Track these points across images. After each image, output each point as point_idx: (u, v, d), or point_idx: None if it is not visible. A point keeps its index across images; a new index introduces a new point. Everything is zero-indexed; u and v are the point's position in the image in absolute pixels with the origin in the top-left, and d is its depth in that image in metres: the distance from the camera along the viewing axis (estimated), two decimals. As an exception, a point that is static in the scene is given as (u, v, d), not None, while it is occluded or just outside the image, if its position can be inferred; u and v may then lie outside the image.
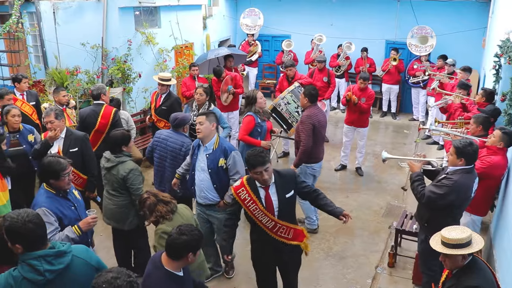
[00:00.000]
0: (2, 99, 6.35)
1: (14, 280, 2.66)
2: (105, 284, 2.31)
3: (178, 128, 5.46)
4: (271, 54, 13.86)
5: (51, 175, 3.73)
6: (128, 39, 9.18)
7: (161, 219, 3.83)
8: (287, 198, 4.11)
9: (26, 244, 2.69)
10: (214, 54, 9.72)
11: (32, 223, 2.69)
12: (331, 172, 8.55)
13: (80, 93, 8.92)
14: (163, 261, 3.22)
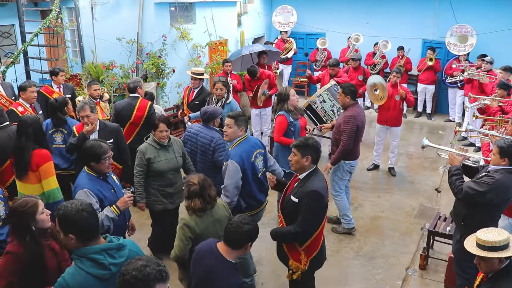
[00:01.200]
0: (25, 91, 6.45)
1: (79, 276, 2.62)
2: (135, 272, 2.29)
3: (208, 122, 5.43)
4: (305, 52, 13.78)
5: (92, 158, 3.87)
6: (163, 35, 9.29)
7: (191, 211, 3.78)
8: (290, 200, 3.92)
9: (79, 234, 2.67)
10: (248, 50, 9.72)
11: (85, 211, 2.70)
12: (363, 172, 8.43)
13: (115, 87, 9.08)
14: (222, 252, 3.18)
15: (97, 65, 9.47)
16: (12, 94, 7.33)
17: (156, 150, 4.90)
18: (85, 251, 2.65)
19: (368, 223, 6.61)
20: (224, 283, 3.10)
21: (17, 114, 6.18)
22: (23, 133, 4.54)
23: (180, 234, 3.73)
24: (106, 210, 3.83)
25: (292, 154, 3.93)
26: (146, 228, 5.77)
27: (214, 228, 3.87)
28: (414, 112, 12.00)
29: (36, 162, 4.51)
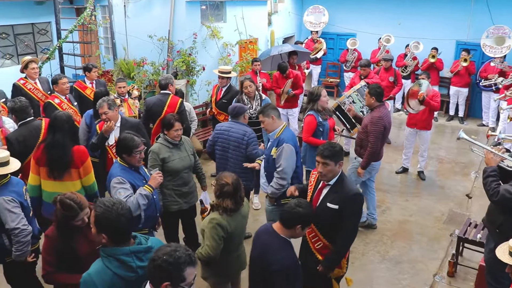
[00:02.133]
0: (57, 84, 6.62)
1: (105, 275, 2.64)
2: (166, 256, 2.31)
3: (238, 117, 5.47)
4: (336, 52, 13.66)
5: (124, 150, 3.98)
6: (194, 33, 9.36)
7: (222, 210, 3.76)
8: (326, 207, 3.81)
9: (112, 236, 2.67)
10: (277, 50, 9.70)
11: (125, 217, 2.70)
12: (391, 175, 8.31)
13: (146, 84, 9.19)
14: (276, 229, 3.40)
15: (129, 62, 9.61)
16: (48, 88, 7.52)
17: (169, 150, 4.82)
18: (114, 251, 2.66)
19: (396, 227, 6.51)
20: (277, 256, 3.28)
21: (54, 106, 6.40)
22: (59, 129, 4.46)
23: (213, 234, 3.69)
24: (139, 190, 3.94)
25: (322, 165, 3.77)
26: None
27: (242, 225, 3.94)
28: (445, 116, 11.76)
29: (80, 159, 4.51)
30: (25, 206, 3.93)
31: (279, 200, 4.85)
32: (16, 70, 9.98)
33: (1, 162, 3.85)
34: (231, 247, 3.89)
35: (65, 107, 6.45)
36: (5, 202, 3.73)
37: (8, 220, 3.72)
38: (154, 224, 4.35)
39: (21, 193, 3.95)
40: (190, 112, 7.19)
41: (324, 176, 3.82)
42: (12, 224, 3.71)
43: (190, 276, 2.37)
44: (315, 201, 3.94)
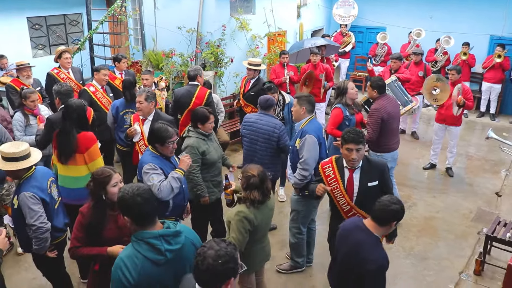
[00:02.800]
0: (98, 72, 6.76)
1: (136, 259, 2.69)
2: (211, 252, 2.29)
3: (267, 110, 5.48)
4: (365, 46, 13.52)
5: (157, 140, 4.04)
6: (223, 24, 9.39)
7: (249, 203, 3.77)
8: (369, 187, 4.00)
9: (134, 218, 2.73)
10: (310, 43, 9.61)
11: (140, 197, 2.71)
12: (418, 170, 8.21)
13: (174, 75, 9.28)
14: (370, 227, 3.32)
15: (157, 53, 9.72)
16: (80, 78, 7.69)
17: (205, 142, 4.85)
18: (144, 235, 2.71)
19: (422, 223, 6.43)
20: (371, 255, 3.22)
21: (89, 94, 6.57)
22: (68, 117, 4.64)
23: (240, 227, 3.71)
24: (170, 174, 4.03)
25: (355, 152, 3.89)
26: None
27: (268, 217, 3.96)
28: (476, 112, 11.50)
29: (85, 145, 4.62)
30: (48, 202, 3.92)
31: (303, 191, 4.85)
32: (48, 60, 10.22)
33: (23, 155, 3.82)
34: (256, 239, 3.92)
35: (99, 96, 6.61)
36: (26, 198, 3.76)
37: (27, 216, 3.78)
38: (182, 213, 4.41)
39: (44, 187, 3.93)
40: (218, 104, 7.23)
41: (357, 161, 3.96)
42: (31, 221, 3.76)
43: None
44: (349, 188, 4.02)
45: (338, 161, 4.12)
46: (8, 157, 3.78)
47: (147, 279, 2.69)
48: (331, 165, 4.13)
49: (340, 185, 4.05)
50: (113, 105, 6.20)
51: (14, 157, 3.78)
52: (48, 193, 3.97)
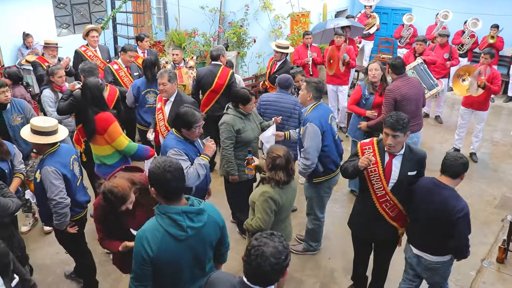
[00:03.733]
0: (125, 53, 6.80)
1: (158, 232, 2.72)
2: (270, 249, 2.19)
3: (287, 89, 5.54)
4: (389, 28, 13.26)
5: (184, 124, 4.01)
6: (246, 4, 9.30)
7: (274, 183, 3.78)
8: (408, 176, 3.93)
9: (161, 192, 2.74)
10: (332, 24, 9.48)
11: (170, 173, 2.71)
12: (442, 155, 8.00)
13: (196, 55, 9.26)
14: (447, 183, 3.73)
15: (180, 33, 9.69)
16: (107, 57, 7.77)
17: (242, 121, 4.91)
18: (167, 209, 2.73)
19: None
20: (459, 205, 3.62)
21: (112, 71, 6.69)
22: (84, 96, 4.78)
23: (265, 208, 3.74)
24: (196, 160, 4.03)
25: (391, 138, 3.81)
26: (220, 194, 5.90)
27: (292, 198, 3.97)
28: (503, 96, 11.23)
29: (102, 126, 4.68)
30: (69, 178, 4.01)
31: (311, 179, 4.88)
32: (72, 39, 10.32)
33: (49, 131, 3.93)
34: (279, 219, 3.94)
35: (122, 75, 6.70)
36: (48, 172, 3.85)
37: (48, 191, 3.87)
38: (204, 195, 4.43)
39: (66, 163, 4.03)
40: (240, 84, 7.20)
41: (393, 147, 3.88)
42: (51, 195, 3.86)
43: None
44: (387, 173, 3.96)
45: (379, 143, 4.03)
46: (36, 130, 3.91)
47: (166, 254, 2.72)
48: (372, 147, 4.04)
49: (379, 168, 3.97)
50: (134, 85, 6.22)
51: (41, 131, 3.90)
52: (70, 169, 4.06)
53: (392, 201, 4.00)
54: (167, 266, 2.77)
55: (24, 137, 4.00)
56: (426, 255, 3.93)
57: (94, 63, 5.64)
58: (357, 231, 4.41)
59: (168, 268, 2.79)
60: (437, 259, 3.89)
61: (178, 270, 2.84)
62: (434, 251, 3.89)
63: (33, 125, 3.94)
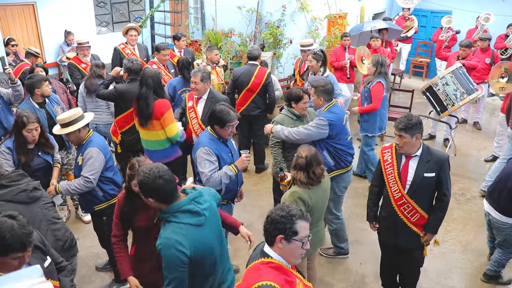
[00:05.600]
0: (159, 52, 6.92)
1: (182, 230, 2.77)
2: (278, 210, 2.57)
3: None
4: (428, 31, 12.99)
5: (218, 121, 4.04)
6: (283, 5, 9.28)
7: (299, 183, 3.76)
8: (424, 178, 3.86)
9: (158, 198, 2.79)
10: (369, 26, 9.38)
11: (162, 179, 2.75)
12: (479, 162, 7.88)
13: (232, 55, 9.29)
14: None
15: (217, 32, 9.76)
16: (145, 55, 7.91)
17: (292, 121, 4.90)
18: (175, 207, 2.80)
19: (481, 218, 6.14)
20: None
21: None
22: (145, 83, 4.96)
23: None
24: (225, 168, 4.03)
25: (398, 138, 3.83)
26: (253, 194, 5.94)
27: (323, 199, 3.93)
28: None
29: (160, 111, 4.93)
30: (110, 157, 4.30)
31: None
32: (110, 37, 10.54)
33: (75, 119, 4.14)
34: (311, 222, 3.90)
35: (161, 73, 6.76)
36: (92, 152, 4.09)
37: (88, 168, 4.08)
38: (234, 197, 4.44)
39: (106, 145, 4.30)
40: (275, 84, 7.21)
41: (401, 148, 3.87)
42: (87, 174, 4.07)
43: (303, 230, 2.51)
44: (403, 175, 3.93)
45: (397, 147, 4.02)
46: (63, 123, 4.14)
47: (197, 245, 2.79)
48: (390, 150, 4.06)
49: (395, 171, 3.96)
50: (169, 84, 6.30)
51: (67, 122, 4.13)
52: (109, 150, 4.34)
53: (410, 204, 3.94)
54: (203, 256, 2.85)
55: (57, 133, 4.26)
56: (495, 212, 4.46)
57: (140, 64, 5.72)
58: (382, 236, 4.37)
59: (204, 258, 2.87)
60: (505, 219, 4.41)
61: (212, 256, 2.94)
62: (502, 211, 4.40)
63: (60, 120, 4.17)
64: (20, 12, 9.71)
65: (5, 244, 2.44)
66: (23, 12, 9.76)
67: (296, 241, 2.49)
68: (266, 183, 6.78)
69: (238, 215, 5.84)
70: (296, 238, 2.49)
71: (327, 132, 4.66)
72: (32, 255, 2.67)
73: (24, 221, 2.55)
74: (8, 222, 2.47)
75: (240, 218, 5.84)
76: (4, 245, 2.44)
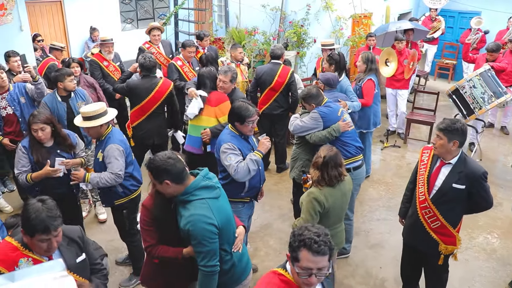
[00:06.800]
0: (184, 49, 6.93)
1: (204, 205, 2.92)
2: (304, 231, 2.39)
3: (331, 87, 5.58)
4: (455, 32, 12.74)
5: (237, 118, 4.04)
6: (307, 4, 9.22)
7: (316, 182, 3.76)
8: (452, 188, 3.72)
9: (173, 177, 2.89)
10: (395, 26, 9.23)
11: (171, 158, 2.92)
12: (506, 168, 7.67)
13: (255, 53, 9.26)
14: None
15: (240, 30, 9.74)
16: (170, 51, 7.96)
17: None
18: (193, 185, 2.94)
19: (507, 225, 6.02)
20: None
21: (176, 67, 6.88)
22: (203, 85, 5.37)
23: (309, 208, 3.71)
24: (249, 155, 4.04)
25: (436, 137, 3.72)
26: (273, 194, 5.91)
27: (341, 202, 3.88)
28: None
29: (216, 99, 5.24)
30: (129, 153, 4.34)
31: None
32: (135, 34, 10.61)
33: (99, 114, 4.17)
34: (327, 225, 3.84)
35: (186, 70, 6.87)
36: (113, 149, 4.14)
37: (114, 166, 4.12)
38: (257, 194, 4.41)
39: (124, 140, 4.34)
40: (298, 83, 7.16)
41: (436, 148, 3.77)
42: (115, 170, 4.12)
43: (306, 261, 2.28)
44: (432, 179, 3.84)
45: (433, 146, 3.93)
46: (87, 116, 4.17)
47: (221, 215, 2.97)
48: (429, 152, 3.96)
49: (426, 172, 3.88)
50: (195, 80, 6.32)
51: (91, 115, 4.16)
52: (128, 145, 4.36)
53: (431, 210, 3.85)
54: (227, 225, 3.05)
55: (78, 124, 4.28)
56: None
57: (154, 61, 5.80)
58: (405, 235, 4.29)
59: (229, 226, 3.07)
60: None
61: (231, 225, 3.13)
62: None
63: (83, 112, 4.18)
64: (48, 9, 9.86)
65: (30, 225, 2.57)
66: (51, 8, 9.90)
67: (299, 268, 2.31)
68: (286, 183, 6.73)
69: (257, 215, 5.84)
70: (297, 265, 2.30)
71: (321, 124, 4.76)
72: (67, 247, 2.84)
73: (53, 205, 2.67)
74: (36, 204, 2.62)
75: (259, 218, 5.91)
76: (29, 226, 2.58)
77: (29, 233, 2.60)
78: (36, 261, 2.67)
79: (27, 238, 2.64)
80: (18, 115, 5.61)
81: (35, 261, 2.67)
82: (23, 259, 2.64)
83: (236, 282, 3.26)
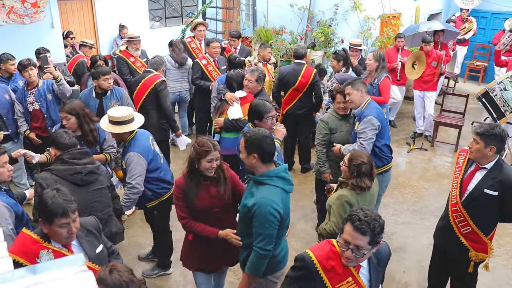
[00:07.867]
0: (208, 46, 7.00)
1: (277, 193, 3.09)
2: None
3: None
4: (487, 33, 12.43)
5: (256, 115, 4.10)
6: (336, 4, 9.16)
7: (358, 190, 3.68)
8: (483, 193, 3.63)
9: (261, 155, 3.08)
10: (425, 27, 9.05)
11: (269, 138, 3.13)
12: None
13: (282, 52, 9.25)
14: None
15: (268, 30, 9.74)
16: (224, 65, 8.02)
17: (337, 121, 4.87)
18: (273, 172, 3.12)
19: (537, 233, 5.87)
20: None
21: (201, 66, 6.93)
22: (229, 86, 5.46)
23: (341, 212, 3.63)
24: None
25: (473, 141, 3.62)
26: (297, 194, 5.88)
27: (369, 204, 3.83)
28: None
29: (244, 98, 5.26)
30: (153, 158, 4.19)
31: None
32: (163, 32, 10.71)
33: (127, 119, 4.08)
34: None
35: (210, 69, 6.89)
36: (131, 157, 4.04)
37: (128, 174, 4.05)
38: None
39: (147, 146, 4.19)
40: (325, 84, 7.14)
41: (471, 153, 3.66)
42: (129, 179, 4.04)
43: (347, 235, 2.55)
44: (465, 183, 3.76)
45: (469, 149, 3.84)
46: (114, 120, 4.07)
47: (285, 208, 3.14)
48: (465, 154, 3.88)
49: (460, 175, 3.80)
50: (220, 79, 6.32)
51: (119, 120, 4.06)
52: (152, 150, 4.24)
53: (462, 214, 3.76)
54: (285, 220, 3.21)
55: (103, 128, 4.19)
56: None
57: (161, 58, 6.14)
58: (435, 237, 4.21)
59: (285, 220, 3.21)
60: None
61: (287, 221, 3.29)
62: None
63: (111, 116, 4.08)
64: (79, 7, 10.04)
65: (48, 211, 2.63)
66: (82, 6, 10.08)
67: (341, 239, 2.57)
68: (310, 183, 6.68)
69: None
70: (341, 236, 2.57)
71: (378, 129, 4.63)
72: (86, 238, 2.88)
73: (66, 191, 2.77)
74: (51, 192, 2.71)
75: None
76: (47, 212, 2.64)
77: (48, 219, 2.65)
78: (56, 252, 2.71)
79: (46, 226, 2.69)
80: (43, 111, 5.68)
81: (55, 253, 2.71)
82: (43, 251, 2.69)
83: (269, 271, 3.34)
